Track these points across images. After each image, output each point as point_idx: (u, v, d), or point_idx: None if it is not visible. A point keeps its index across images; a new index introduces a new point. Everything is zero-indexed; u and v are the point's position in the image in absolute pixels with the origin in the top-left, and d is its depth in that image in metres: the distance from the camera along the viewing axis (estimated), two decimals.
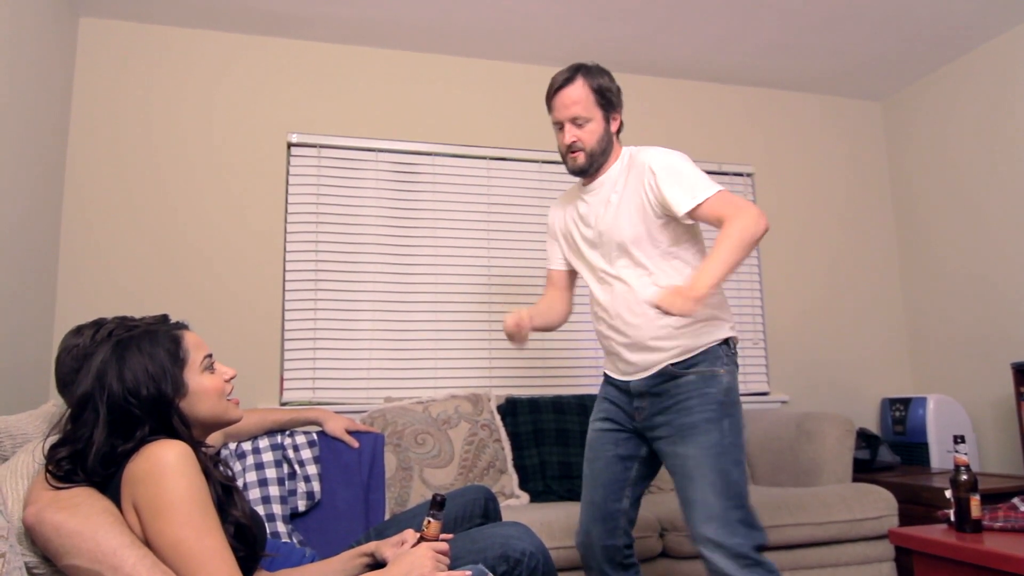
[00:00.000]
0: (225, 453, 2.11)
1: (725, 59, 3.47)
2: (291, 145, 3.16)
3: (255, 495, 2.07)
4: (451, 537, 1.46)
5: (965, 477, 2.01)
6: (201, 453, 1.27)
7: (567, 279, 2.13)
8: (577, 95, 1.89)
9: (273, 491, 2.09)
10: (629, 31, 3.19)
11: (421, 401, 2.75)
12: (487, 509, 1.77)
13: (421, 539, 1.40)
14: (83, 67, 2.94)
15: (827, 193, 3.81)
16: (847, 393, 3.62)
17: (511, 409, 2.88)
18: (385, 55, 3.31)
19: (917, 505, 2.74)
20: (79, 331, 1.54)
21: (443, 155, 3.32)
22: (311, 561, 1.66)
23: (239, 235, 3.03)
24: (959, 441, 2.05)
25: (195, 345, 1.34)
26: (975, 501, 2.00)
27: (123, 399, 1.23)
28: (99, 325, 1.48)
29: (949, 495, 2.06)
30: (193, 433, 1.30)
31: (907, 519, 2.63)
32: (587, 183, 1.99)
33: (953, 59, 3.51)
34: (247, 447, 2.16)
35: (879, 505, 2.57)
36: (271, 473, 2.12)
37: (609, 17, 3.07)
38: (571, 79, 1.90)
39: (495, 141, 3.38)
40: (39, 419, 1.61)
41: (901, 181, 3.86)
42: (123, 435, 1.23)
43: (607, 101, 1.91)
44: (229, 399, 1.38)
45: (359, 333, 3.11)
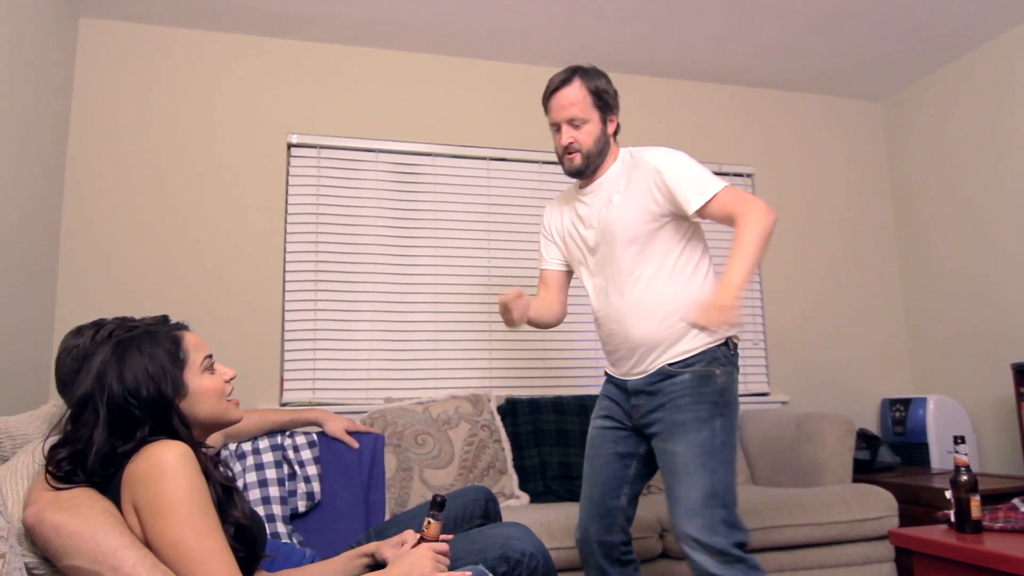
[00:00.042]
0: (225, 454, 2.11)
1: (725, 59, 3.47)
2: (291, 146, 3.16)
3: (255, 496, 2.07)
4: (451, 538, 1.46)
5: (965, 478, 2.01)
6: (201, 454, 1.27)
7: (562, 279, 2.12)
8: (574, 96, 1.88)
9: (273, 492, 2.09)
10: (629, 31, 3.19)
11: (421, 402, 2.75)
12: (487, 510, 1.77)
13: (421, 540, 1.40)
14: (83, 68, 2.94)
15: (827, 193, 3.81)
16: (847, 393, 3.62)
17: (511, 410, 2.88)
18: (385, 55, 3.31)
19: (917, 506, 2.74)
20: (79, 332, 1.54)
21: (443, 155, 3.32)
22: (311, 562, 1.66)
23: (239, 235, 3.03)
24: (959, 442, 2.05)
25: (195, 346, 1.34)
26: (975, 502, 2.00)
27: (123, 400, 1.23)
28: (99, 326, 1.48)
29: (949, 496, 2.06)
30: (193, 434, 1.30)
31: (907, 520, 2.64)
32: (584, 185, 1.99)
33: (953, 59, 3.51)
34: (247, 448, 2.16)
35: (879, 506, 2.57)
36: (271, 474, 2.12)
37: (609, 17, 3.07)
38: (568, 80, 1.90)
39: (495, 142, 3.38)
40: (39, 420, 1.61)
41: (901, 181, 3.86)
42: (123, 436, 1.23)
43: (604, 103, 1.91)
44: (229, 400, 1.38)
45: (359, 333, 3.11)
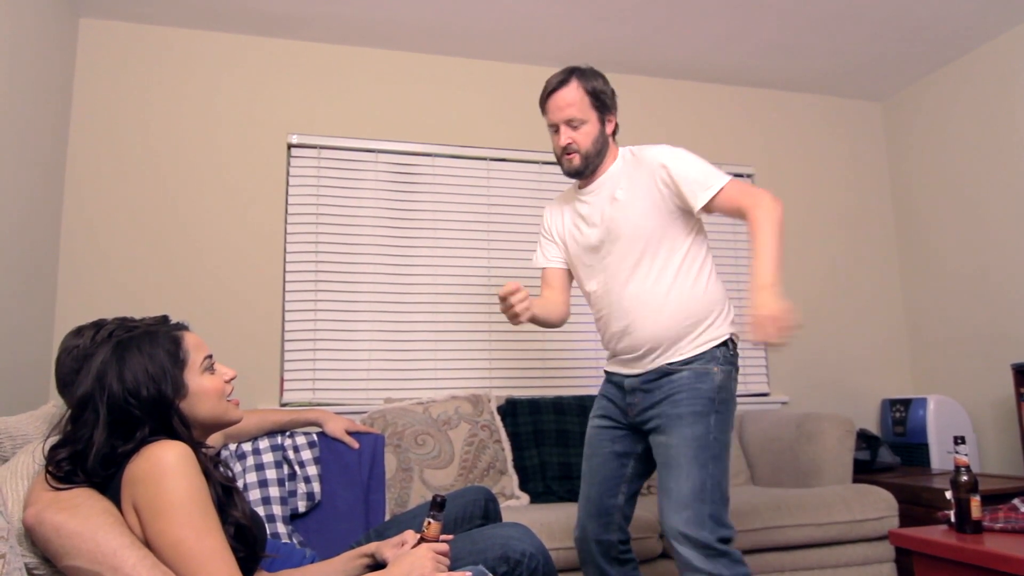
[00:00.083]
0: (225, 454, 2.11)
1: (725, 59, 3.47)
2: (291, 146, 3.16)
3: (255, 496, 2.07)
4: (451, 538, 1.46)
5: (965, 478, 2.01)
6: (201, 454, 1.27)
7: (565, 278, 2.11)
8: (572, 97, 1.88)
9: (273, 492, 2.09)
10: (629, 31, 3.19)
11: (421, 402, 2.75)
12: (487, 510, 1.77)
13: (421, 540, 1.40)
14: (83, 68, 2.94)
15: (827, 193, 3.81)
16: (847, 394, 3.62)
17: (511, 410, 2.88)
18: (385, 56, 3.31)
19: (917, 506, 2.74)
20: (79, 332, 1.54)
21: (443, 156, 3.32)
22: (311, 562, 1.66)
23: (239, 236, 3.03)
24: (959, 442, 2.05)
25: (195, 346, 1.34)
26: (975, 502, 2.00)
27: (123, 400, 1.23)
28: (99, 326, 1.48)
29: (949, 496, 2.06)
30: (193, 434, 1.30)
31: (907, 520, 2.63)
32: (584, 185, 1.99)
33: (953, 59, 3.51)
34: (247, 448, 2.16)
35: (879, 506, 2.57)
36: (271, 474, 2.12)
37: (609, 17, 3.07)
38: (565, 81, 1.90)
39: (494, 142, 3.38)
40: (39, 420, 1.61)
41: (901, 181, 3.86)
42: (123, 436, 1.23)
43: (602, 103, 1.91)
44: (229, 400, 1.38)
45: (359, 334, 3.11)
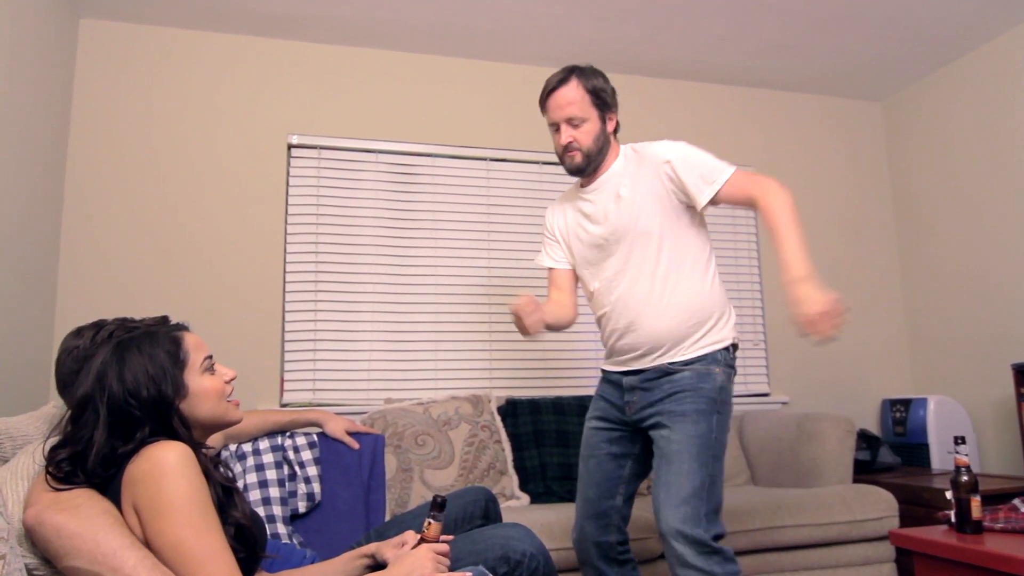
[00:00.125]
0: (225, 454, 2.11)
1: (725, 59, 3.47)
2: (291, 146, 3.15)
3: (255, 496, 2.07)
4: (452, 538, 1.46)
5: (966, 478, 2.01)
6: (201, 454, 1.27)
7: (572, 280, 2.09)
8: (572, 96, 1.88)
9: (273, 492, 2.09)
10: (629, 31, 3.19)
11: (421, 402, 2.75)
12: (487, 510, 1.77)
13: (422, 540, 1.41)
14: (83, 68, 2.94)
15: (827, 193, 3.81)
16: (847, 394, 3.61)
17: (511, 410, 2.88)
18: (385, 56, 3.31)
19: (918, 506, 2.74)
20: (79, 332, 1.54)
21: (443, 156, 3.32)
22: (311, 562, 1.66)
23: (239, 236, 3.03)
24: (959, 442, 2.05)
25: (195, 346, 1.34)
26: (976, 502, 2.00)
27: (123, 400, 1.23)
28: (99, 326, 1.48)
29: (950, 496, 2.05)
30: (193, 434, 1.30)
31: (908, 520, 2.63)
32: (586, 183, 1.98)
33: (953, 59, 3.51)
34: (247, 448, 2.16)
35: (880, 506, 2.57)
36: (271, 474, 2.12)
37: (609, 17, 3.07)
38: (565, 80, 1.90)
39: (494, 142, 3.37)
40: (39, 420, 1.61)
41: (901, 181, 3.86)
42: (123, 436, 1.23)
43: (602, 102, 1.91)
44: (229, 400, 1.38)
45: (359, 334, 3.11)
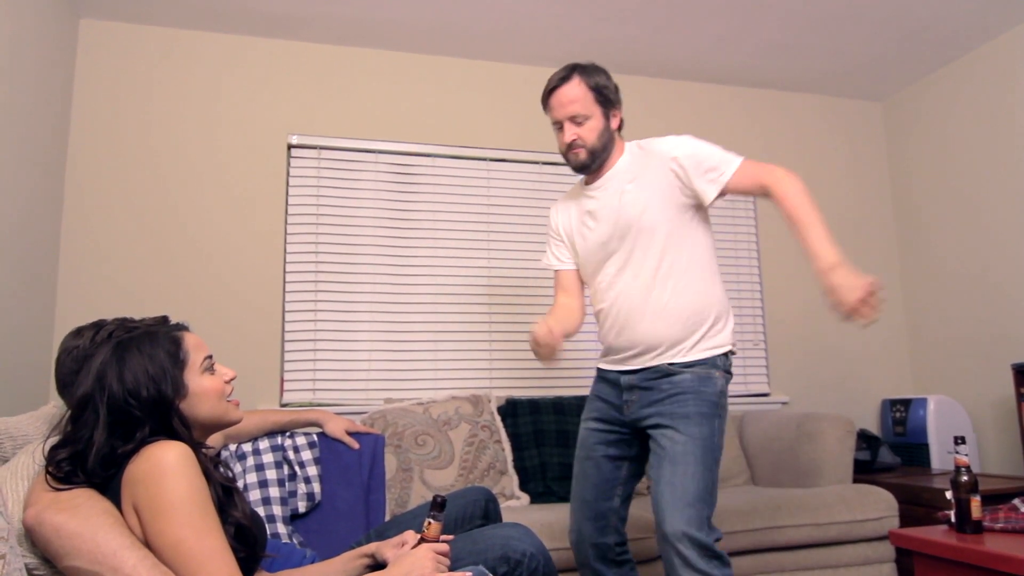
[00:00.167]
0: (225, 454, 2.11)
1: (725, 59, 3.47)
2: (291, 146, 3.16)
3: (255, 496, 2.07)
4: (451, 538, 1.46)
5: (966, 478, 2.01)
6: (201, 454, 1.27)
7: (578, 280, 2.07)
8: (574, 94, 1.87)
9: (273, 492, 2.09)
10: (629, 31, 3.19)
11: (421, 402, 2.75)
12: (487, 510, 1.77)
13: (421, 540, 1.40)
14: (83, 68, 2.94)
15: (827, 193, 3.79)
16: (847, 394, 3.61)
17: (511, 410, 2.88)
18: (385, 56, 3.31)
19: (918, 506, 2.74)
20: (79, 332, 1.54)
21: (443, 156, 3.32)
22: (311, 562, 1.66)
23: (239, 236, 3.03)
24: (959, 442, 2.05)
25: (195, 346, 1.34)
26: (976, 502, 2.00)
27: (123, 400, 1.23)
28: (99, 326, 1.48)
29: (950, 496, 2.06)
30: (193, 434, 1.30)
31: (908, 520, 2.63)
32: (591, 181, 1.97)
33: (953, 59, 3.51)
34: (247, 448, 2.16)
35: (879, 506, 2.57)
36: (271, 474, 2.12)
37: (609, 17, 3.07)
38: (567, 78, 1.89)
39: (494, 142, 3.37)
40: (39, 420, 1.61)
41: (901, 181, 3.86)
42: (123, 436, 1.23)
43: (605, 99, 1.89)
44: (229, 400, 1.38)
45: (359, 334, 3.11)
